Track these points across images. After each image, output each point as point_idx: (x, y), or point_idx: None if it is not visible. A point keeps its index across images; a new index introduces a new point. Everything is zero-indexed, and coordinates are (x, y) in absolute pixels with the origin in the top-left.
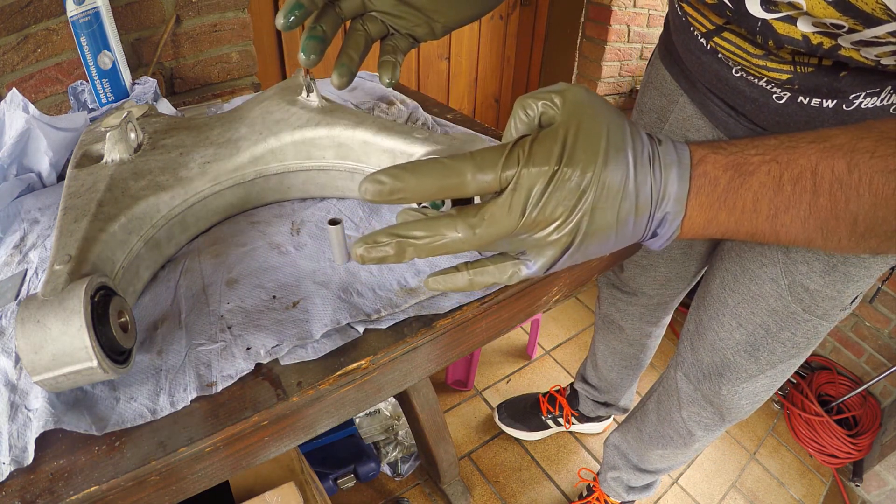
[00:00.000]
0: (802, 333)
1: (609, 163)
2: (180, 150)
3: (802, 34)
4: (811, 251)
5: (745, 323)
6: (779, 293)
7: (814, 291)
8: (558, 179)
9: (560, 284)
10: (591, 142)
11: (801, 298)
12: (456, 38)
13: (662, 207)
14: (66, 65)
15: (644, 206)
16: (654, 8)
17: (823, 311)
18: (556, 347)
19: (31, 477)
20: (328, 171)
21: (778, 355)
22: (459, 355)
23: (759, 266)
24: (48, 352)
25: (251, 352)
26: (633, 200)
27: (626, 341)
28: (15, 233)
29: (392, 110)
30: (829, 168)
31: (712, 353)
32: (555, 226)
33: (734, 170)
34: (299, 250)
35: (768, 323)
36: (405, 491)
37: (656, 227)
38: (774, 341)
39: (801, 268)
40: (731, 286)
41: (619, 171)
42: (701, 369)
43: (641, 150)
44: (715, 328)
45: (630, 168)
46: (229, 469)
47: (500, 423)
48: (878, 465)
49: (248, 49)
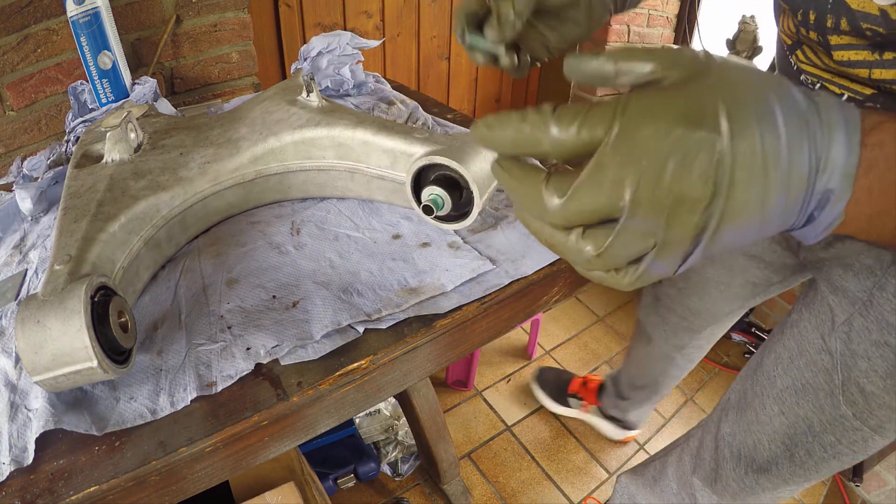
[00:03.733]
0: (848, 443)
1: (748, 128)
2: (180, 150)
3: (880, 8)
4: (877, 346)
5: (788, 412)
6: (831, 389)
7: (869, 395)
8: (674, 137)
9: (560, 284)
10: (716, 102)
11: (854, 401)
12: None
13: (824, 181)
14: (66, 65)
15: (799, 179)
16: (654, 8)
17: (878, 423)
18: (556, 347)
19: (31, 477)
20: (328, 171)
21: (815, 459)
22: (459, 355)
23: (818, 352)
24: (48, 352)
25: (251, 352)
26: (786, 171)
27: (650, 357)
28: (15, 233)
29: (392, 110)
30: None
31: (746, 434)
32: (677, 204)
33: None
34: (299, 250)
35: (811, 420)
36: (405, 491)
37: (814, 208)
38: (815, 442)
39: (860, 363)
40: (785, 366)
41: (767, 134)
42: (731, 445)
43: (794, 106)
44: (756, 408)
45: (780, 129)
46: (229, 469)
47: (534, 381)
48: (878, 465)
49: (248, 49)
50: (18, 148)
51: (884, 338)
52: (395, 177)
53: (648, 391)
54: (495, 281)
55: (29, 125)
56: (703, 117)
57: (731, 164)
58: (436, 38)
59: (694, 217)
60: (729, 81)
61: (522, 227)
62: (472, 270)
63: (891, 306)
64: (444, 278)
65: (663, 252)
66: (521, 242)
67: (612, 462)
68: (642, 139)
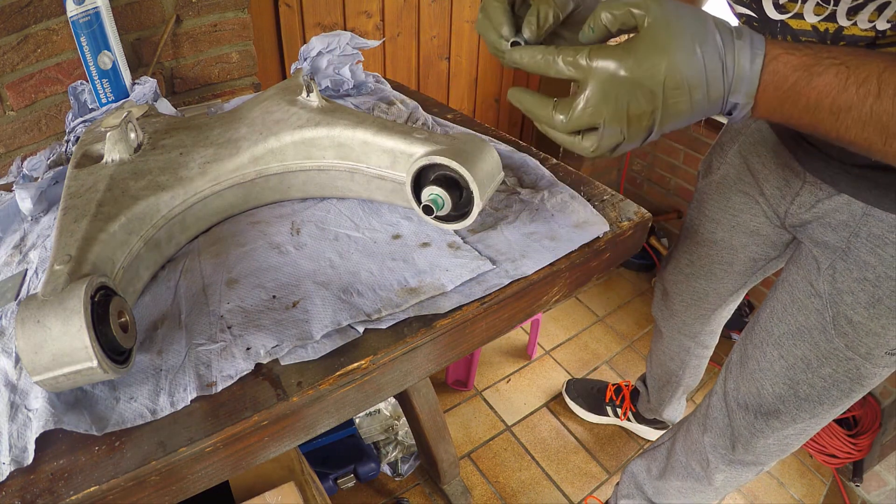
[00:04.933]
0: (844, 372)
1: (675, 69)
2: (180, 150)
3: (812, 25)
4: (858, 282)
5: (787, 355)
6: (823, 325)
7: (857, 324)
8: (626, 82)
9: (560, 284)
10: (657, 53)
11: (845, 332)
12: (456, 38)
13: (734, 98)
14: (66, 65)
15: (716, 95)
16: None
17: (867, 350)
18: (556, 347)
19: (31, 477)
20: (328, 171)
21: (817, 390)
22: (459, 355)
23: (808, 296)
24: (48, 352)
25: (251, 352)
26: (705, 92)
27: (666, 353)
28: (15, 233)
29: (392, 110)
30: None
31: (749, 383)
32: (632, 118)
33: (803, 70)
34: (299, 250)
35: (809, 357)
36: (405, 491)
37: (729, 110)
38: (815, 376)
39: (846, 298)
40: (780, 316)
41: (689, 71)
42: (737, 398)
43: (713, 50)
44: (757, 357)
45: (699, 66)
46: (229, 469)
47: (565, 394)
48: (878, 465)
49: (248, 49)
50: (18, 148)
51: (863, 274)
52: (395, 177)
53: (673, 385)
54: (495, 281)
55: (29, 125)
56: (643, 68)
57: (663, 94)
58: (436, 38)
59: (644, 122)
60: (668, 32)
61: (522, 227)
62: (471, 270)
63: (866, 248)
64: (444, 278)
65: (630, 140)
66: (521, 242)
67: (612, 462)
68: (606, 83)
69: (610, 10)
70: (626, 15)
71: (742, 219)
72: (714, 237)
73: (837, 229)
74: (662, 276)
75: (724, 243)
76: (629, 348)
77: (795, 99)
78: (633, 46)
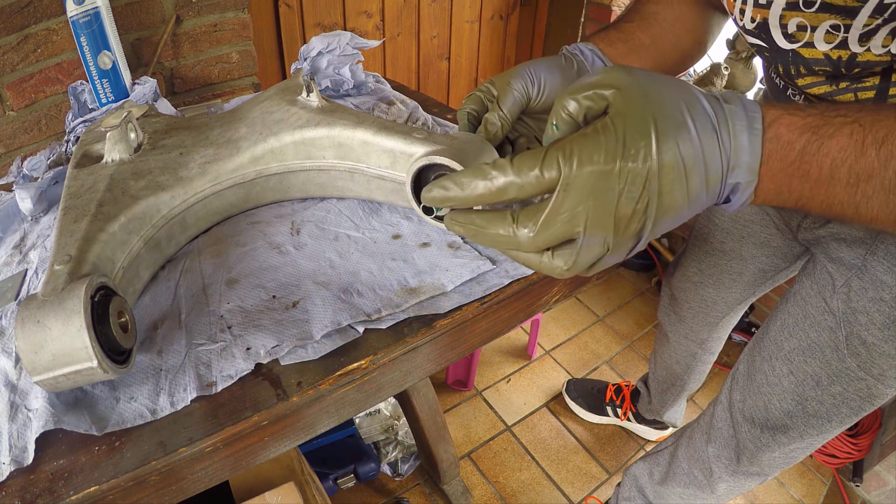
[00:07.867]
0: (855, 391)
1: (667, 145)
2: (180, 150)
3: (824, 53)
4: (873, 301)
5: (797, 371)
6: (835, 344)
7: (870, 345)
8: (609, 173)
9: (560, 284)
10: (643, 128)
11: (858, 352)
12: (456, 38)
13: (734, 176)
14: (66, 65)
15: (715, 177)
16: None
17: (880, 371)
18: (556, 347)
19: (31, 477)
20: (328, 171)
21: (826, 407)
22: (459, 355)
23: (821, 313)
24: (48, 352)
25: (251, 352)
26: (703, 174)
27: (672, 357)
28: (15, 233)
29: (392, 110)
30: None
31: (757, 397)
32: (620, 220)
33: (811, 132)
34: (299, 250)
35: (819, 375)
36: (405, 491)
37: (729, 193)
38: (825, 393)
39: (860, 318)
40: (791, 330)
41: (685, 148)
42: (743, 411)
43: (706, 120)
44: (765, 371)
45: (695, 142)
46: (229, 469)
47: (565, 394)
48: (878, 465)
49: (248, 49)
50: (18, 148)
51: (879, 294)
52: (394, 177)
53: (677, 389)
54: (495, 281)
55: (29, 125)
56: (631, 152)
57: (658, 180)
58: (436, 38)
59: (634, 225)
60: (646, 113)
61: None
62: (471, 270)
63: (882, 267)
64: (444, 278)
65: (615, 251)
66: None
67: (612, 462)
68: (587, 180)
69: (574, 97)
70: (593, 97)
71: (752, 229)
72: (724, 247)
73: (853, 246)
74: (670, 282)
75: (734, 253)
76: (629, 348)
77: (806, 170)
78: (610, 126)
